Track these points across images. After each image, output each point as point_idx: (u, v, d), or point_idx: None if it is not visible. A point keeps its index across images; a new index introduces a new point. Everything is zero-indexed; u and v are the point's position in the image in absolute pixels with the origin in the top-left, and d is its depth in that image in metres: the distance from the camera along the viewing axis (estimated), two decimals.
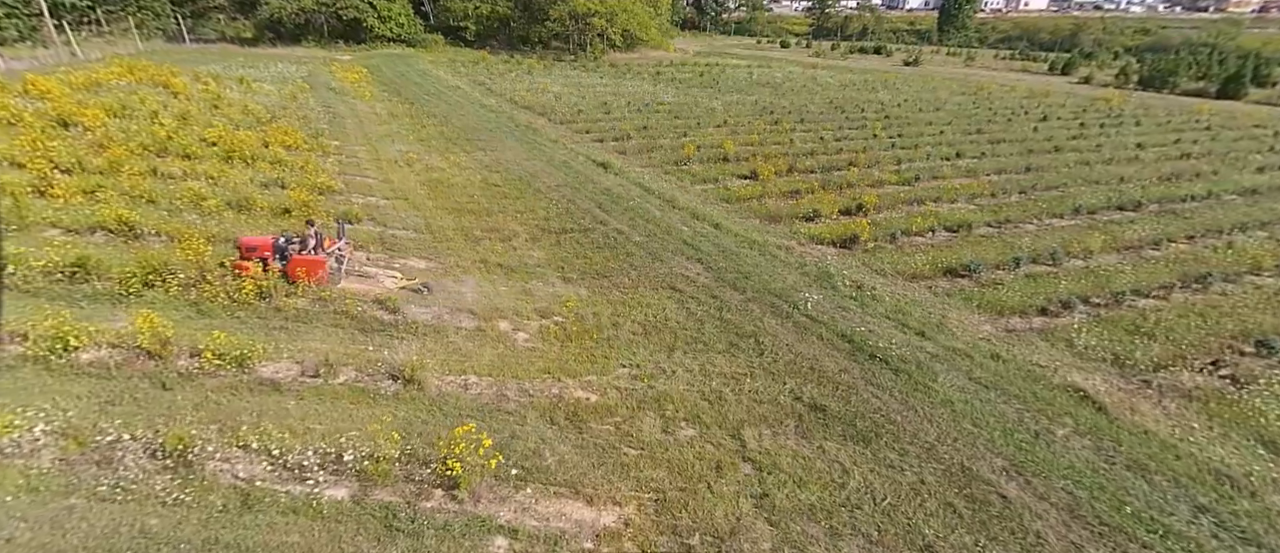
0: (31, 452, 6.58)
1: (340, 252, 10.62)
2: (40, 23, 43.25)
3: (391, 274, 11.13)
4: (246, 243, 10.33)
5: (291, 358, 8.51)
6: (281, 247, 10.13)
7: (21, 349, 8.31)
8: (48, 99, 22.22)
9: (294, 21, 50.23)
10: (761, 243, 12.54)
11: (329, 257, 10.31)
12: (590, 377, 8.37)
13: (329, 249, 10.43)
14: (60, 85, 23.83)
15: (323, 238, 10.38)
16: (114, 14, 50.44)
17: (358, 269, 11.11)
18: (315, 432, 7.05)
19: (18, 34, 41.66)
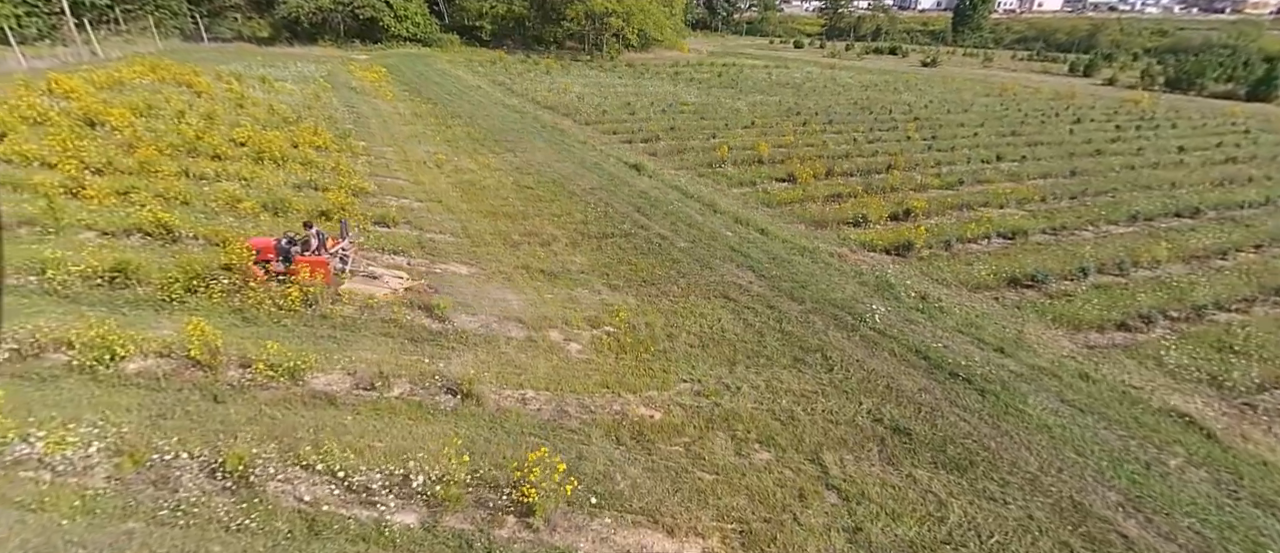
0: (85, 470, 6.28)
1: (344, 252, 10.43)
2: (60, 21, 43.48)
3: (397, 274, 10.88)
4: (251, 244, 10.17)
5: (343, 369, 8.19)
6: (284, 248, 9.98)
7: (65, 358, 8.04)
8: (72, 98, 22.12)
9: (311, 21, 50.18)
10: (812, 249, 12.12)
11: (333, 257, 10.11)
12: (651, 392, 7.99)
13: (332, 249, 10.26)
14: (84, 84, 23.74)
15: (325, 239, 10.21)
16: (132, 13, 50.58)
17: (363, 269, 10.87)
18: (376, 450, 6.72)
19: (38, 32, 41.81)
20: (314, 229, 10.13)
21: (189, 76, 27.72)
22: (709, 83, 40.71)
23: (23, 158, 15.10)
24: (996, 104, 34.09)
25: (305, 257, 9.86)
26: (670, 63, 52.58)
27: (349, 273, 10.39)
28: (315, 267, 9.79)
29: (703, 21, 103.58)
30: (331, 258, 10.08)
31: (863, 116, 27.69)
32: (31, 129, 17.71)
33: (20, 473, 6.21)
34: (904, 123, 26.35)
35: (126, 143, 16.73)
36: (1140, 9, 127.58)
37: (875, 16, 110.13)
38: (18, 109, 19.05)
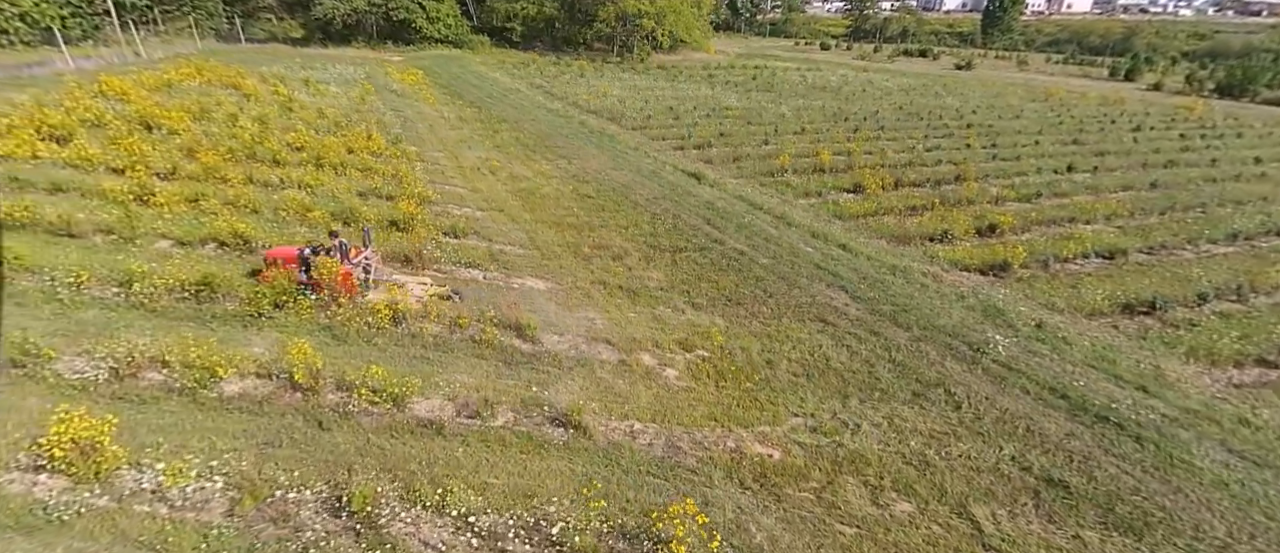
0: (202, 504, 6.02)
1: (367, 261, 10.19)
2: (102, 21, 44.22)
3: (421, 281, 10.61)
4: (271, 254, 10.04)
5: (443, 394, 7.88)
6: (306, 257, 9.79)
7: (162, 377, 7.84)
8: (125, 100, 22.30)
9: (345, 22, 50.47)
10: (902, 268, 11.59)
11: (356, 267, 9.88)
12: (763, 427, 7.55)
13: (355, 259, 10.01)
14: (135, 86, 23.94)
15: (348, 248, 9.98)
16: (170, 13, 51.37)
17: (387, 277, 10.60)
18: (495, 489, 6.37)
19: (82, 33, 42.50)
20: (339, 239, 9.92)
21: (235, 79, 27.89)
22: (745, 86, 40.14)
23: (87, 162, 15.12)
24: (1046, 110, 33.09)
25: None
26: (700, 65, 52.07)
27: (372, 282, 10.13)
28: (339, 276, 9.50)
29: (726, 23, 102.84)
30: (355, 268, 9.87)
31: (913, 122, 26.97)
32: (90, 132, 17.82)
33: (135, 506, 5.97)
34: (958, 129, 25.59)
35: (186, 147, 16.70)
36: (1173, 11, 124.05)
37: (902, 18, 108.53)
38: (75, 111, 19.21)
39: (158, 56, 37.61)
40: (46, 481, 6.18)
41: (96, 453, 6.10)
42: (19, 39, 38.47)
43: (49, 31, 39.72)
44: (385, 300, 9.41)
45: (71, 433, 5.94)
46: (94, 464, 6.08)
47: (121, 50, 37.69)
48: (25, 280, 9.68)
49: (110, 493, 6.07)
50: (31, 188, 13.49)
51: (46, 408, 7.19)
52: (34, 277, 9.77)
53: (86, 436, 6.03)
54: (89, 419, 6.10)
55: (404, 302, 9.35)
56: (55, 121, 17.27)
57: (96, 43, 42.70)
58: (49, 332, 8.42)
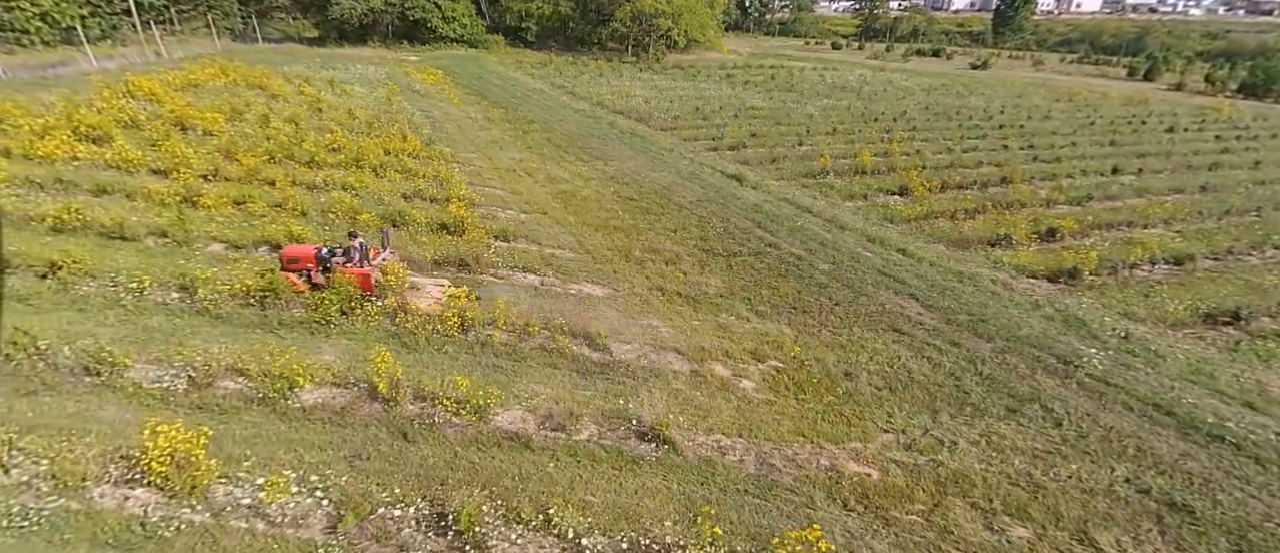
0: (302, 520, 5.87)
1: (386, 263, 10.02)
2: (120, 21, 44.28)
3: (438, 283, 10.45)
4: (288, 254, 9.89)
5: (522, 405, 7.71)
6: (324, 258, 9.67)
7: (237, 386, 7.70)
8: (154, 100, 22.24)
9: (362, 21, 50.40)
10: (970, 275, 11.37)
11: (374, 269, 9.73)
12: (854, 444, 7.33)
13: (374, 261, 9.86)
14: (163, 87, 23.86)
15: (367, 250, 9.84)
16: (185, 13, 51.46)
17: (407, 282, 10.28)
18: (594, 506, 6.18)
19: (100, 32, 42.56)
20: (358, 240, 9.78)
21: (260, 79, 27.82)
22: (765, 86, 39.90)
23: (128, 164, 15.02)
24: (1072, 110, 32.75)
25: (347, 268, 9.52)
26: (716, 64, 51.83)
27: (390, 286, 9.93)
28: (359, 280, 9.39)
29: (735, 22, 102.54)
30: (373, 270, 9.72)
31: (943, 123, 26.70)
32: (125, 133, 17.74)
33: (233, 522, 5.82)
34: (991, 131, 25.32)
35: (224, 149, 16.59)
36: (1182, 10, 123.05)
37: (912, 17, 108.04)
38: (108, 112, 19.14)
39: (178, 56, 37.58)
40: (139, 494, 6.04)
41: (192, 466, 5.96)
42: (39, 39, 38.52)
43: (69, 31, 39.82)
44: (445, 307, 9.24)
45: (169, 446, 5.79)
46: (190, 478, 5.94)
47: (142, 50, 37.67)
48: (86, 285, 9.56)
49: (207, 508, 5.93)
50: (76, 190, 13.40)
51: (127, 418, 7.09)
52: (94, 281, 9.65)
53: (183, 448, 5.88)
54: (184, 431, 5.95)
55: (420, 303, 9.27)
56: (91, 122, 17.19)
57: (114, 42, 42.78)
58: (117, 338, 8.29)
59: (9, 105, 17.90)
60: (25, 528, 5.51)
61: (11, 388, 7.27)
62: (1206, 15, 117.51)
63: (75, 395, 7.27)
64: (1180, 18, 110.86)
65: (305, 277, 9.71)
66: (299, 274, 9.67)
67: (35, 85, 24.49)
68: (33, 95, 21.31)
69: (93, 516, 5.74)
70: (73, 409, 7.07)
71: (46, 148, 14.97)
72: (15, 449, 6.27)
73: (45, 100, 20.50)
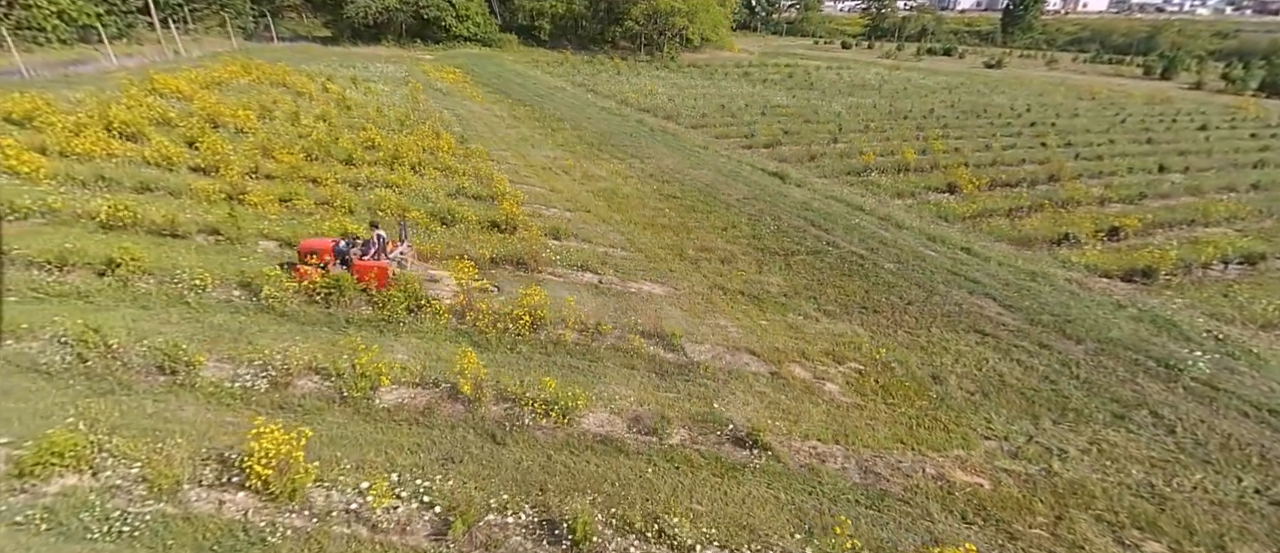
0: (406, 526, 5.65)
1: (403, 256, 9.89)
2: (135, 19, 44.17)
3: (455, 276, 10.15)
4: (306, 246, 9.73)
5: (607, 407, 7.48)
6: (342, 250, 9.52)
7: (315, 385, 7.49)
8: (181, 97, 22.09)
9: (376, 20, 50.24)
10: (1041, 273, 11.11)
11: (392, 261, 9.57)
12: (956, 452, 7.06)
13: (392, 253, 9.70)
14: (189, 84, 23.71)
15: (385, 242, 9.68)
16: (198, 12, 51.35)
17: (424, 274, 10.28)
18: (704, 516, 5.93)
19: (116, 31, 42.47)
20: (378, 231, 9.64)
21: (283, 76, 27.65)
22: (784, 84, 39.65)
23: (167, 160, 14.83)
24: (1099, 108, 32.44)
25: (365, 261, 9.39)
26: (731, 63, 51.56)
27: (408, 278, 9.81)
28: (377, 272, 9.26)
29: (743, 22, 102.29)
30: (391, 262, 9.59)
31: (973, 121, 26.42)
32: (157, 130, 17.56)
33: (336, 528, 5.60)
34: (1024, 128, 25.05)
35: (261, 146, 16.39)
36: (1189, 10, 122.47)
37: (920, 16, 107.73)
38: (138, 109, 18.96)
39: (196, 54, 37.49)
40: (235, 498, 5.83)
41: (291, 469, 5.75)
42: (56, 37, 38.41)
43: (85, 29, 39.73)
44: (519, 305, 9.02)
45: (272, 447, 5.58)
46: (289, 482, 5.73)
47: (161, 48, 37.58)
48: (145, 282, 9.36)
49: (307, 513, 5.72)
50: (118, 186, 13.21)
51: (208, 418, 6.89)
52: (153, 279, 9.45)
53: (283, 450, 5.67)
54: (282, 433, 5.74)
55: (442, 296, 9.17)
56: (124, 119, 17.00)
57: (129, 41, 42.68)
58: (186, 336, 8.09)
59: (39, 102, 17.74)
60: (126, 534, 5.31)
61: (86, 388, 7.07)
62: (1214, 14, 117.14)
63: (152, 395, 7.06)
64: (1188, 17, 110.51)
65: (323, 270, 9.57)
66: (317, 266, 9.53)
67: (58, 83, 24.33)
68: (58, 93, 21.16)
69: (192, 520, 5.53)
70: (152, 410, 6.87)
71: (83, 144, 14.80)
72: (102, 451, 6.07)
73: (72, 97, 20.35)
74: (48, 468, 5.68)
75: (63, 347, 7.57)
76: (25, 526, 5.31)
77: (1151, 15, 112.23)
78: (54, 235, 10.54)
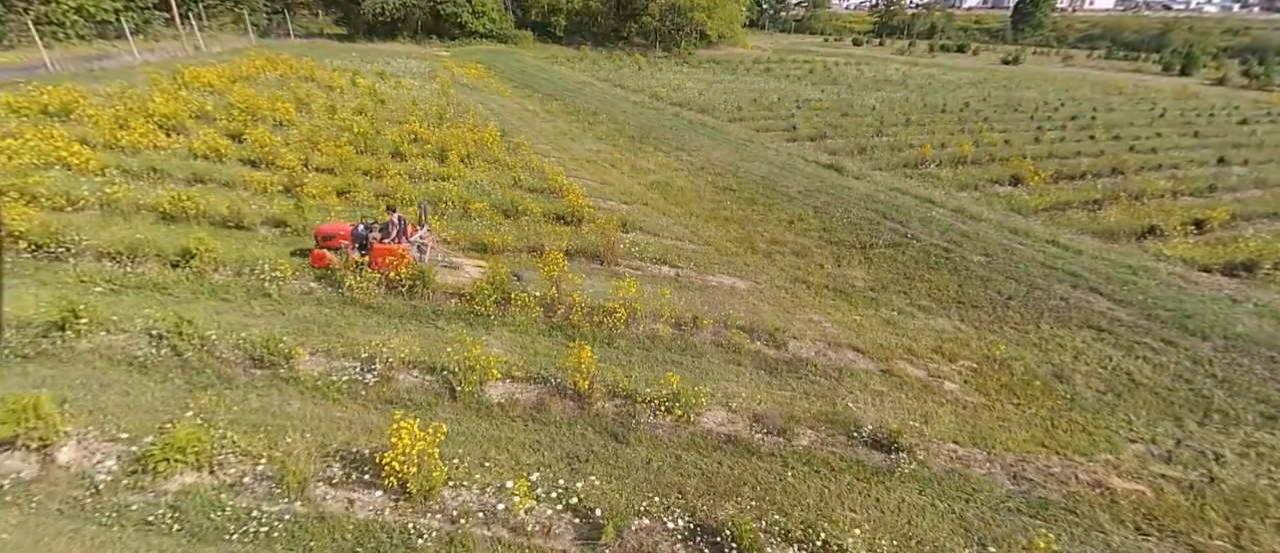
0: (548, 530, 5.31)
1: (423, 240, 9.60)
2: (152, 15, 43.88)
3: (477, 264, 10.01)
4: (323, 230, 9.47)
5: (723, 405, 7.12)
6: (361, 235, 9.25)
7: (416, 379, 7.14)
8: (213, 90, 21.79)
9: (394, 16, 49.91)
10: (1141, 267, 10.75)
11: (412, 246, 9.31)
12: (1104, 456, 6.62)
13: (412, 238, 9.43)
14: (219, 78, 23.40)
15: (406, 225, 9.41)
16: (213, 9, 51.04)
17: (444, 259, 10.02)
18: (862, 524, 5.53)
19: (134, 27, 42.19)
20: (396, 215, 9.36)
21: (311, 71, 27.32)
22: (806, 79, 39.26)
23: (215, 153, 14.50)
24: (1130, 103, 31.99)
25: (384, 245, 9.12)
26: (749, 59, 51.13)
27: (429, 264, 9.52)
28: (397, 256, 8.96)
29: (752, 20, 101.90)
30: (412, 247, 9.32)
31: (1012, 115, 26.03)
32: (197, 123, 17.23)
33: (474, 530, 5.26)
34: (1064, 121, 24.65)
35: (306, 139, 16.05)
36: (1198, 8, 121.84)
37: (930, 13, 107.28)
38: (175, 102, 18.63)
39: (216, 50, 37.16)
40: (364, 497, 5.49)
41: (427, 467, 5.40)
42: (74, 33, 38.14)
43: (102, 25, 39.47)
44: (614, 298, 8.67)
45: (410, 445, 5.23)
46: (425, 481, 5.38)
47: (181, 44, 37.29)
48: (220, 274, 9.02)
49: (441, 514, 5.38)
50: (169, 178, 12.88)
51: (317, 412, 6.54)
52: (230, 270, 9.11)
53: (421, 447, 5.33)
54: (419, 430, 5.39)
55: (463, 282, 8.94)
56: (165, 112, 16.68)
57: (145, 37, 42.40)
58: (276, 329, 7.75)
59: (76, 95, 17.44)
60: (264, 535, 4.97)
61: (186, 382, 6.74)
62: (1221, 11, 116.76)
63: (254, 389, 6.73)
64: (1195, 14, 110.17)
65: (341, 254, 9.32)
66: (335, 251, 9.31)
67: (85, 77, 24.04)
68: (89, 86, 20.84)
69: (326, 520, 5.19)
70: (257, 404, 6.53)
71: (130, 137, 14.47)
72: (220, 446, 5.73)
73: (103, 91, 20.03)
74: (172, 465, 5.35)
75: (154, 339, 7.24)
76: (154, 526, 4.99)
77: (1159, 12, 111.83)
78: (121, 227, 10.21)
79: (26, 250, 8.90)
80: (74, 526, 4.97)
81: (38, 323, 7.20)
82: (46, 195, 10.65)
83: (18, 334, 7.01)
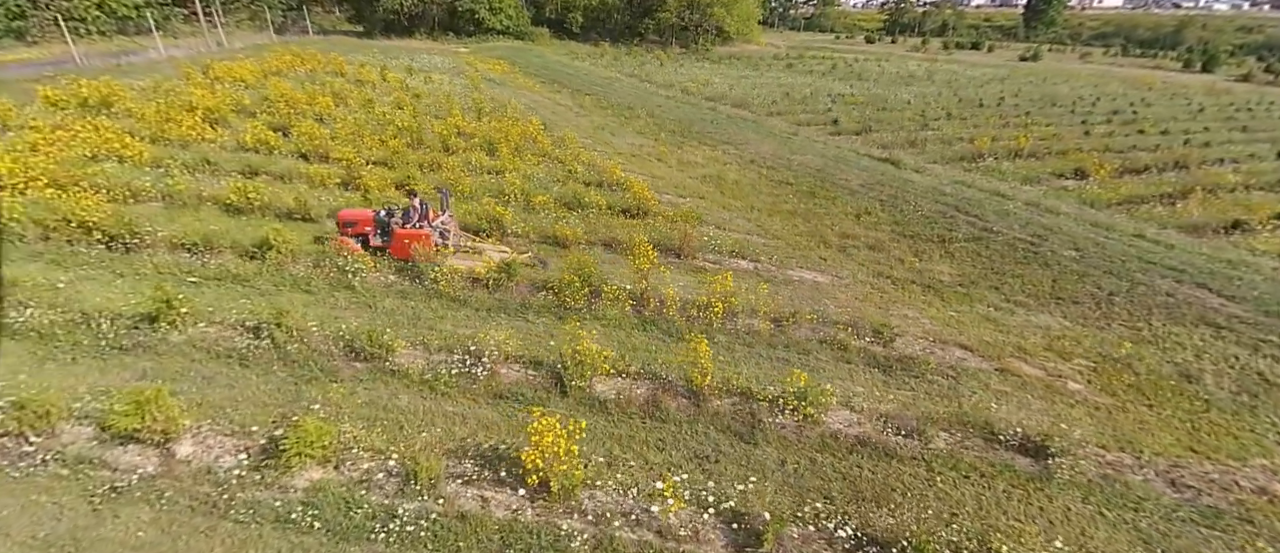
0: (696, 536, 4.99)
1: (444, 225, 9.37)
2: (170, 11, 43.77)
3: (500, 249, 9.79)
4: (345, 216, 9.30)
5: (841, 404, 6.78)
6: (383, 220, 9.12)
7: (520, 373, 6.83)
8: (245, 84, 21.56)
9: (412, 12, 49.66)
10: (1244, 262, 10.39)
11: (434, 231, 9.08)
12: (1259, 460, 6.25)
13: (433, 222, 9.20)
14: (250, 72, 23.17)
15: (427, 209, 9.20)
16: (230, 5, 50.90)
17: (467, 244, 9.79)
18: (1030, 535, 5.14)
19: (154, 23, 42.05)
20: (417, 199, 9.15)
21: (340, 66, 27.07)
22: (830, 74, 38.91)
23: (265, 145, 14.24)
24: (1164, 98, 31.56)
25: (406, 229, 8.92)
26: (770, 56, 50.75)
27: (451, 248, 9.33)
28: (420, 241, 8.79)
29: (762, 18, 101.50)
30: (433, 231, 9.07)
31: (1051, 110, 25.62)
32: (238, 117, 16.99)
33: (621, 532, 4.95)
34: (1106, 115, 24.23)
35: (352, 132, 15.77)
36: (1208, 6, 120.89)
37: (942, 11, 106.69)
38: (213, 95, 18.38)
39: (237, 46, 36.97)
40: (495, 495, 5.19)
41: (567, 465, 5.09)
42: (96, 29, 38.05)
43: (123, 21, 39.40)
44: (710, 292, 8.34)
45: (551, 442, 4.92)
46: (566, 480, 5.07)
47: (204, 40, 37.13)
48: (297, 267, 8.72)
49: (584, 516, 5.07)
50: (223, 171, 12.63)
51: (428, 406, 6.24)
52: (308, 262, 8.81)
53: (562, 445, 5.01)
54: (559, 426, 5.08)
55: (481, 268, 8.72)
56: (208, 105, 16.44)
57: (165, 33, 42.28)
58: (367, 321, 7.47)
59: (115, 88, 17.22)
60: (410, 535, 4.67)
61: (290, 375, 6.44)
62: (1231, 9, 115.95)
63: (361, 382, 6.44)
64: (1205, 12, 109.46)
65: (362, 241, 9.17)
66: (356, 238, 9.14)
67: (114, 71, 23.83)
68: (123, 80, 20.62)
69: (466, 519, 4.89)
70: (365, 397, 6.24)
71: (178, 130, 14.22)
72: (342, 441, 5.43)
73: (137, 85, 19.81)
74: (302, 460, 5.05)
75: (249, 331, 6.96)
76: (293, 524, 4.70)
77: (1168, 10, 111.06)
78: (191, 218, 9.97)
79: (100, 242, 8.64)
80: (209, 523, 4.69)
81: (128, 315, 6.92)
82: (109, 187, 10.40)
83: (111, 325, 6.73)
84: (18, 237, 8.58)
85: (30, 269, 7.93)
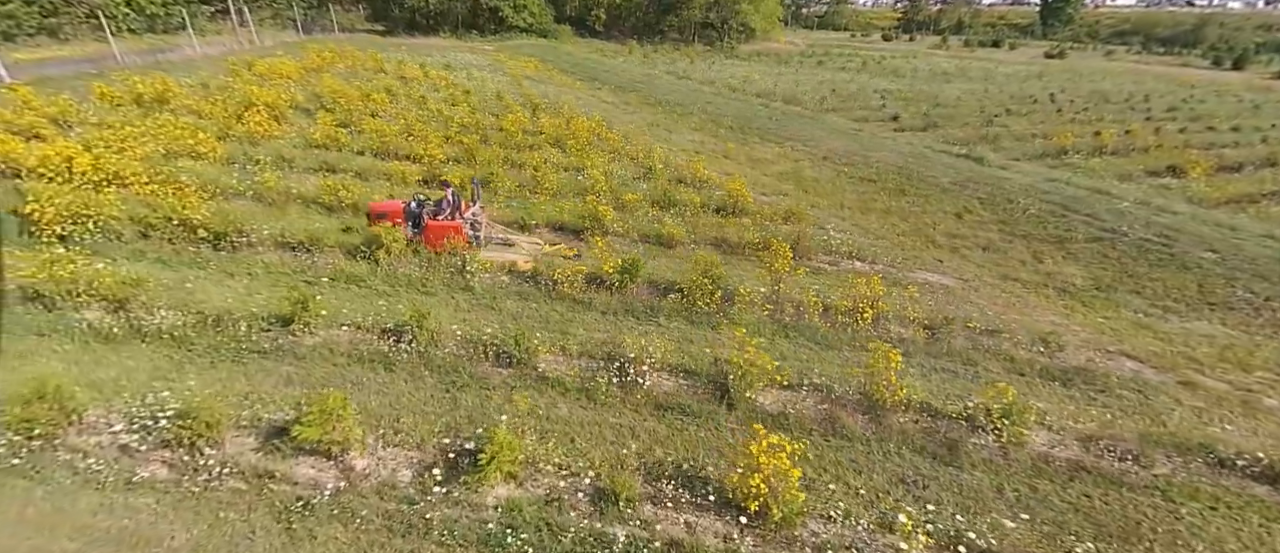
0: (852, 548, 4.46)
1: (476, 217, 9.05)
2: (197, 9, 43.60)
3: (534, 241, 9.52)
4: (376, 208, 9.05)
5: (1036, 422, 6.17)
6: (414, 212, 8.86)
7: (674, 383, 6.31)
8: (293, 81, 21.18)
9: (435, 10, 49.33)
10: None
11: (465, 222, 8.76)
12: None
13: (465, 214, 8.88)
14: (293, 69, 22.81)
15: (459, 201, 8.89)
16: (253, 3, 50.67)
17: (499, 236, 9.49)
18: None
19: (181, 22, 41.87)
20: (450, 190, 8.83)
21: (379, 63, 26.71)
22: (861, 70, 38.34)
23: (333, 141, 13.79)
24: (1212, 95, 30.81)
25: (437, 222, 8.59)
26: (792, 53, 50.11)
27: (485, 240, 9.01)
28: (451, 233, 8.49)
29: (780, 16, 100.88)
30: (465, 223, 8.75)
31: (1106, 106, 24.95)
32: (295, 113, 16.58)
33: None
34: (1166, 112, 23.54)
35: (418, 129, 15.30)
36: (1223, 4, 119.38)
37: (957, 9, 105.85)
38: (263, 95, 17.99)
39: (268, 43, 36.70)
40: (700, 521, 4.71)
41: (787, 490, 4.57)
42: (125, 26, 37.88)
43: (151, 19, 39.26)
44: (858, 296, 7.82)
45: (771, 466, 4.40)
46: (783, 505, 4.55)
47: (236, 37, 36.91)
48: (409, 268, 8.25)
49: (802, 546, 4.55)
50: (300, 168, 12.20)
51: (593, 418, 5.74)
52: (420, 263, 8.33)
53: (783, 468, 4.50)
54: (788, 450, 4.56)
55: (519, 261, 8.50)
56: (268, 101, 16.03)
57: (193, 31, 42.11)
58: (493, 325, 6.98)
59: (169, 84, 16.87)
60: None
61: (439, 382, 5.96)
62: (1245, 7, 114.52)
63: (515, 391, 5.93)
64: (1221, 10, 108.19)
65: None
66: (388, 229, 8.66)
67: (154, 68, 23.48)
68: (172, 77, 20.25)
69: (676, 547, 4.38)
70: (524, 408, 5.73)
71: (246, 127, 13.81)
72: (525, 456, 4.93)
73: (185, 82, 19.44)
74: (493, 476, 4.55)
75: (386, 335, 6.48)
76: (497, 545, 4.21)
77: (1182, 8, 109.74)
78: (296, 216, 9.56)
79: (204, 240, 8.19)
80: (410, 545, 4.23)
81: (262, 317, 6.45)
82: (199, 185, 9.95)
83: (248, 328, 6.26)
84: (116, 234, 8.14)
85: (138, 268, 7.48)
